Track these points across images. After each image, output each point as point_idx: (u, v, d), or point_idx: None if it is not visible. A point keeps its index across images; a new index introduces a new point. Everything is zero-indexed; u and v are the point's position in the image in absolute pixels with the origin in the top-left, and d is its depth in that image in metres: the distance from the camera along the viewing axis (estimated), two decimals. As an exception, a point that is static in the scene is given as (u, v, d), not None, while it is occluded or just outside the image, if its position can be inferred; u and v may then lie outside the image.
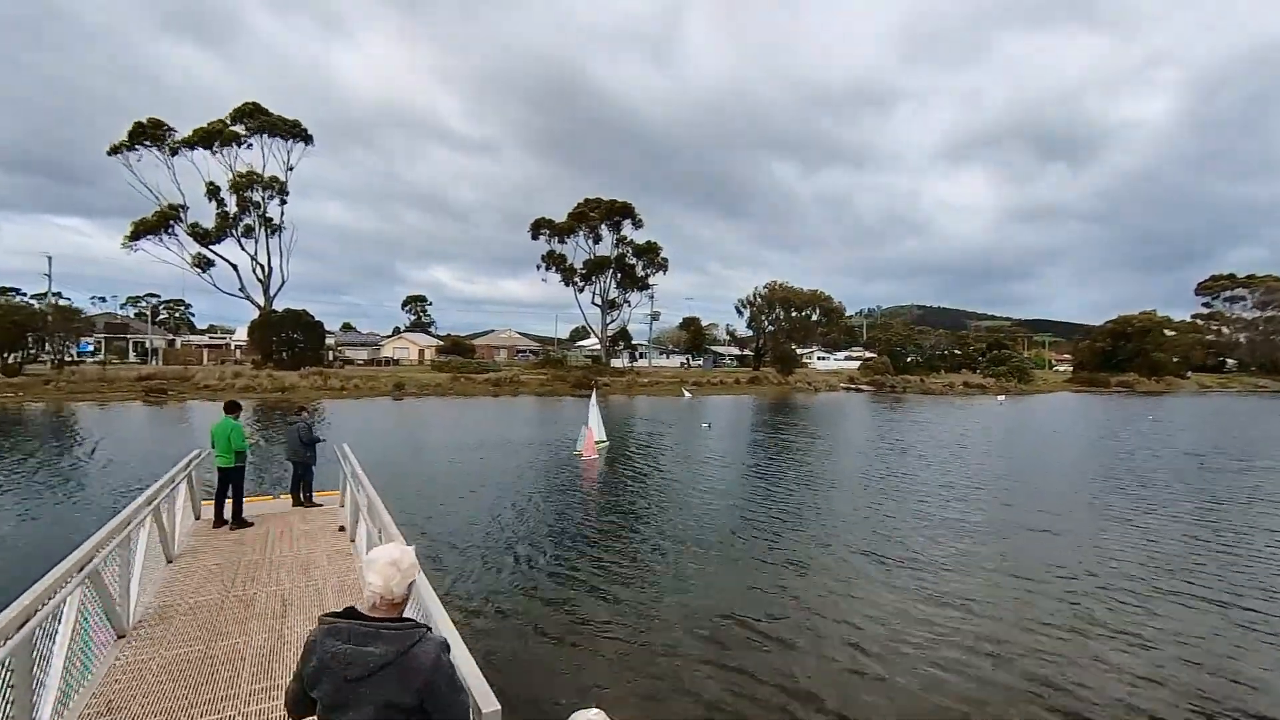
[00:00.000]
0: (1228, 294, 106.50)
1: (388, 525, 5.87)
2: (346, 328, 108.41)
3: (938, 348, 79.39)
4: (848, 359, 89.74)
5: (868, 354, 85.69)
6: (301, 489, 10.24)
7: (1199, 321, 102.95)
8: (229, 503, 8.53)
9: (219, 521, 8.51)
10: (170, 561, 6.90)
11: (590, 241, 65.48)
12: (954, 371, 71.79)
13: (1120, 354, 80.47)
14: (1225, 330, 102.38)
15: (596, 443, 20.23)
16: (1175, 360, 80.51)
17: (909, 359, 70.36)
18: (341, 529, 8.43)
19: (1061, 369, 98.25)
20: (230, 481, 8.51)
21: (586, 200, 65.05)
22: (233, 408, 8.82)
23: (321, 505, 10.12)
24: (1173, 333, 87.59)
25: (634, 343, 77.17)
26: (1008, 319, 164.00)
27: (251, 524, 8.54)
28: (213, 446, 8.61)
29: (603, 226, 64.53)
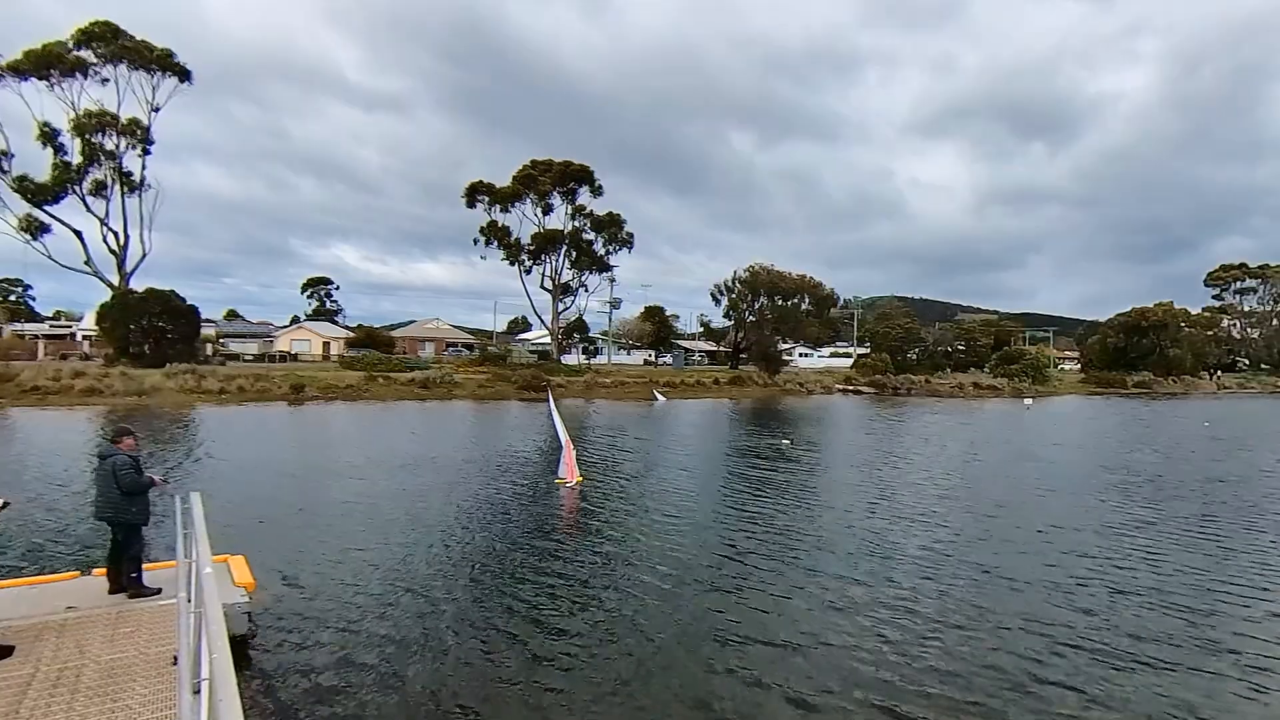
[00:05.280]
0: (1238, 286, 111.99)
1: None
2: (231, 315, 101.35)
3: (940, 343, 79.62)
4: (833, 355, 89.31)
5: (858, 350, 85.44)
6: (125, 565, 7.32)
7: (1216, 315, 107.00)
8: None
9: (-55, 649, 5.38)
10: None
11: (539, 212, 62.20)
12: (959, 370, 71.94)
13: (1134, 350, 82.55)
14: (1239, 324, 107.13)
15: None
16: (1192, 357, 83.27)
17: (910, 355, 69.99)
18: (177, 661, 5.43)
19: (1067, 367, 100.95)
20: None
21: (534, 162, 61.67)
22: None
23: (158, 593, 7.18)
24: (1190, 328, 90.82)
25: (590, 335, 74.21)
26: (995, 312, 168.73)
27: (11, 650, 5.45)
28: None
29: (554, 194, 61.31)
